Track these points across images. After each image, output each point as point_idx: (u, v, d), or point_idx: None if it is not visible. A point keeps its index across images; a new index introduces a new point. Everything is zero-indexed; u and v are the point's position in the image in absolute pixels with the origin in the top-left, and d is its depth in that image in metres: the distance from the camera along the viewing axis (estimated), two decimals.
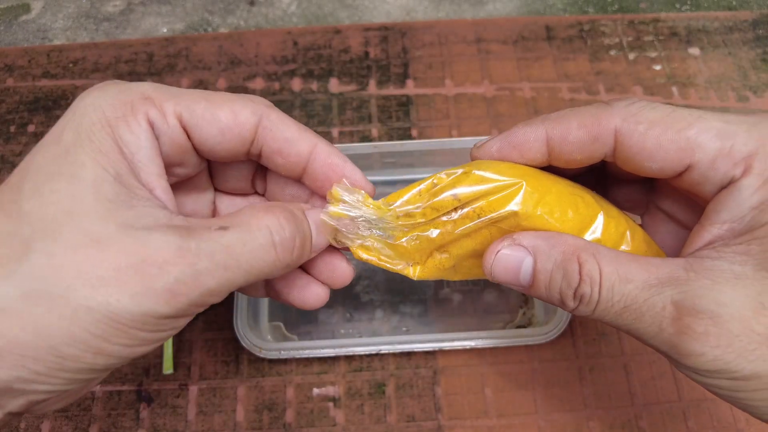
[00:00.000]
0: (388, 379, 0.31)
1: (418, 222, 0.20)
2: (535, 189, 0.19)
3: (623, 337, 0.32)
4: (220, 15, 0.45)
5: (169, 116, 0.18)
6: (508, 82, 0.39)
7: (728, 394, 0.17)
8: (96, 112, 0.17)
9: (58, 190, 0.16)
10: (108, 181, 0.16)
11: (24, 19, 0.45)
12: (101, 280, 0.15)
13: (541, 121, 0.20)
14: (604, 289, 0.17)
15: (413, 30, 0.41)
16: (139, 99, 0.17)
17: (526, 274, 0.18)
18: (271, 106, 0.19)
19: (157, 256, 0.15)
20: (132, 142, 0.17)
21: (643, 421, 0.30)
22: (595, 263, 0.17)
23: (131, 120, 0.17)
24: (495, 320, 0.33)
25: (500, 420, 0.30)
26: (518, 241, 0.19)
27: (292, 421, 0.30)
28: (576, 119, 0.19)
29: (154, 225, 0.16)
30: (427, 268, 0.21)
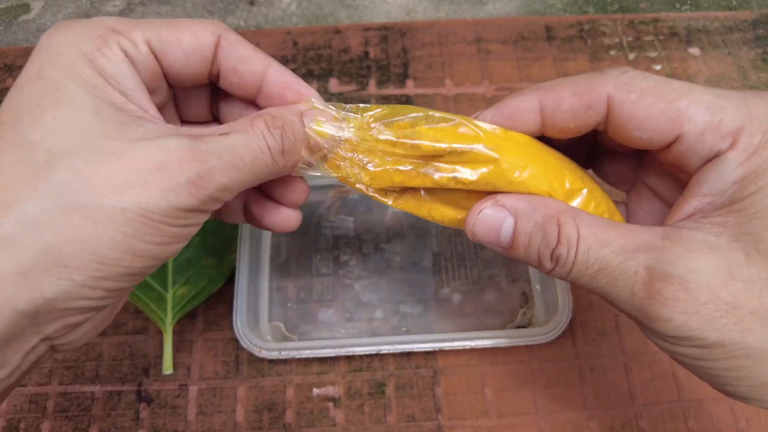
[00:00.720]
0: (388, 379, 0.31)
1: (398, 154, 0.20)
2: (514, 161, 0.19)
3: (623, 337, 0.32)
4: (219, 15, 0.45)
5: (139, 44, 0.18)
6: (508, 82, 0.39)
7: (693, 363, 0.17)
8: (72, 48, 0.17)
9: (63, 119, 0.16)
10: (108, 108, 0.17)
11: (24, 19, 0.45)
12: (128, 184, 0.16)
13: (533, 90, 0.20)
14: (580, 252, 0.17)
15: (413, 30, 0.41)
16: (109, 31, 0.18)
17: (506, 234, 0.19)
18: (228, 29, 0.20)
19: (175, 155, 0.17)
20: (116, 72, 0.18)
21: (643, 421, 0.30)
22: (574, 226, 0.18)
23: (107, 52, 0.18)
24: (495, 320, 0.33)
25: (500, 420, 0.30)
26: (501, 202, 0.19)
27: (292, 422, 0.30)
28: (569, 87, 0.19)
29: (165, 134, 0.17)
30: (404, 200, 0.21)
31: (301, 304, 0.33)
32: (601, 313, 0.33)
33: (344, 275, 0.34)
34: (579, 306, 0.33)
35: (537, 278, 0.33)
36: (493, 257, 0.34)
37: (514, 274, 0.34)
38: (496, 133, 0.20)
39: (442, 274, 0.34)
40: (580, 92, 0.19)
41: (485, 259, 0.34)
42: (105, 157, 0.16)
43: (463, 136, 0.19)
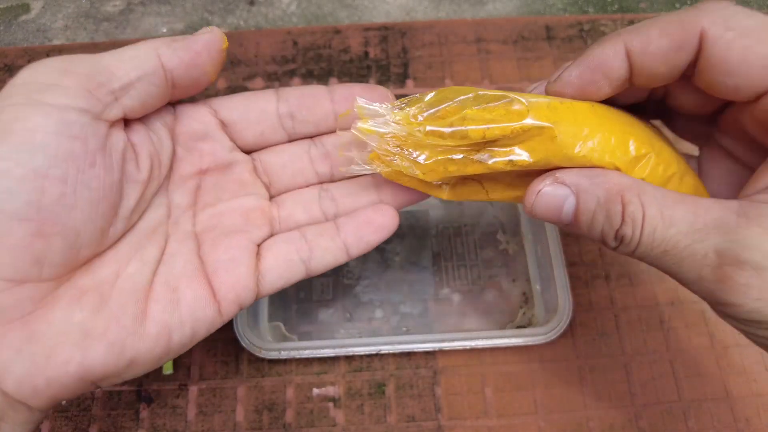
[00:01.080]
0: (388, 379, 0.31)
1: (448, 144, 0.19)
2: (573, 135, 0.18)
3: (623, 337, 0.32)
4: (219, 15, 0.45)
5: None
6: (508, 82, 0.39)
7: (766, 344, 0.16)
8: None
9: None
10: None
11: (24, 19, 0.45)
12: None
13: (617, 35, 0.18)
14: (645, 232, 0.16)
15: (413, 30, 0.41)
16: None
17: (568, 212, 0.18)
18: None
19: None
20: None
21: (643, 420, 0.30)
22: (639, 204, 0.16)
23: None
24: (495, 320, 0.33)
25: (500, 420, 0.30)
26: (561, 179, 0.18)
27: (292, 422, 0.30)
28: (657, 27, 0.17)
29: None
30: (459, 190, 0.20)
31: (301, 304, 0.33)
32: (601, 313, 0.33)
33: (344, 275, 0.34)
34: (579, 306, 0.33)
35: (537, 278, 0.33)
36: (493, 257, 0.34)
37: (514, 274, 0.34)
38: (553, 104, 0.18)
39: (442, 274, 0.34)
40: (670, 31, 0.17)
41: (485, 259, 0.34)
42: None
43: (516, 114, 0.18)
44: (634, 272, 0.34)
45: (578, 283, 0.33)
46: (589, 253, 0.34)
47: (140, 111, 0.20)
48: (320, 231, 0.22)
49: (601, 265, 0.34)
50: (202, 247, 0.21)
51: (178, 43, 0.20)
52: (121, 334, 0.18)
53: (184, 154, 0.22)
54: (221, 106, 0.23)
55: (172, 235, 0.21)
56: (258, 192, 0.23)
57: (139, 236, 0.20)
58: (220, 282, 0.20)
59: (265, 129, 0.23)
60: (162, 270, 0.20)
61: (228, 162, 0.23)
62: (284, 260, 0.21)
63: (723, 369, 0.31)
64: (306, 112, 0.23)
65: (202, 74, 0.21)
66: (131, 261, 0.19)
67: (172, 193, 0.22)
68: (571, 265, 0.33)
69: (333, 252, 0.22)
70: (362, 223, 0.22)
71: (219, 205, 0.22)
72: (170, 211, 0.22)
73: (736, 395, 0.30)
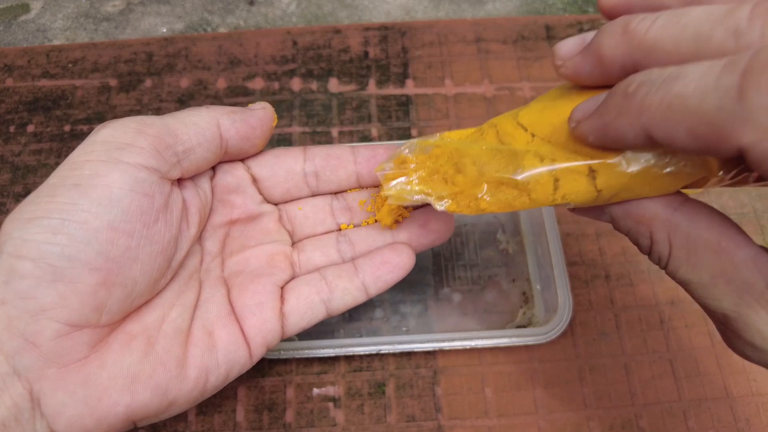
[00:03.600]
0: (388, 379, 0.31)
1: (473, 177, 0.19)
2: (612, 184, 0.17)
3: (623, 336, 0.32)
4: (219, 15, 0.45)
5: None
6: (508, 82, 0.39)
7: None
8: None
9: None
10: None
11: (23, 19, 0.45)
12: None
13: (628, 98, 0.14)
14: (669, 267, 0.17)
15: (413, 30, 0.41)
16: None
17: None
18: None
19: None
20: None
21: (643, 420, 0.30)
22: (666, 244, 0.16)
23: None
24: (495, 320, 0.33)
25: (500, 420, 0.30)
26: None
27: (292, 421, 0.30)
28: (684, 120, 0.12)
29: None
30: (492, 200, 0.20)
31: None
32: (601, 313, 0.33)
33: None
34: (579, 306, 0.33)
35: (537, 278, 0.33)
36: (493, 257, 0.34)
37: (514, 274, 0.34)
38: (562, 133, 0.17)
39: (442, 274, 0.34)
40: (699, 134, 0.12)
41: (485, 259, 0.34)
42: None
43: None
44: (634, 272, 0.34)
45: (578, 283, 0.33)
46: (589, 252, 0.34)
47: (194, 172, 0.21)
48: (339, 272, 0.23)
49: (601, 264, 0.34)
50: (231, 291, 0.22)
51: (237, 116, 0.22)
52: (166, 377, 0.19)
53: (217, 206, 0.24)
54: (254, 163, 0.24)
55: (205, 281, 0.22)
56: (282, 239, 0.24)
57: (180, 283, 0.21)
58: (249, 326, 0.21)
59: (291, 186, 0.24)
60: (198, 314, 0.21)
61: (256, 213, 0.24)
62: (306, 302, 0.23)
63: (723, 368, 0.31)
64: (330, 172, 0.24)
65: (252, 146, 0.23)
66: (174, 307, 0.21)
67: (205, 241, 0.23)
68: (571, 264, 0.33)
69: (352, 292, 0.23)
70: (379, 263, 0.23)
71: (245, 252, 0.24)
72: (203, 258, 0.23)
73: (736, 395, 0.30)
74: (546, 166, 0.17)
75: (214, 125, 0.21)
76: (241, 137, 0.22)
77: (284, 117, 0.38)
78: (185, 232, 0.21)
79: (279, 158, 0.24)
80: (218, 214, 0.24)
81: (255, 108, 0.23)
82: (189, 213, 0.21)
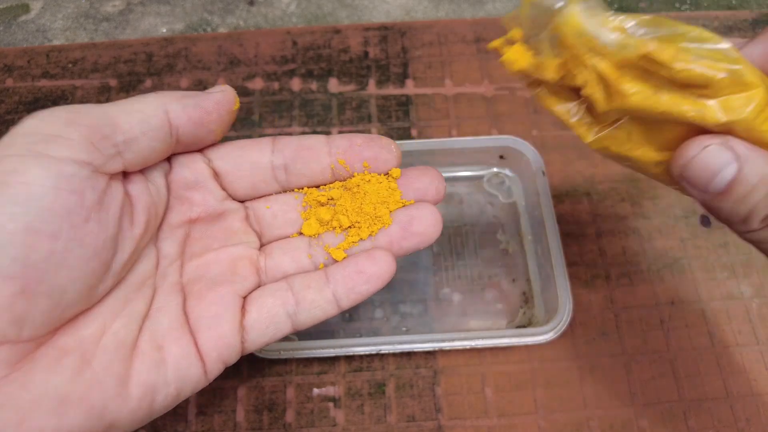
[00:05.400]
0: (388, 379, 0.31)
1: (656, 74, 0.17)
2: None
3: (624, 336, 0.32)
4: (219, 15, 0.45)
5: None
6: (508, 82, 0.39)
7: None
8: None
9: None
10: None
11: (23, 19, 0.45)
12: None
13: None
14: None
15: (413, 30, 0.41)
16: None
17: (722, 180, 0.17)
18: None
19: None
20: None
21: (644, 420, 0.30)
22: None
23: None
24: (495, 320, 0.33)
25: (500, 420, 0.30)
26: (731, 143, 0.16)
27: (292, 422, 0.30)
28: None
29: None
30: (607, 136, 0.19)
31: None
32: (601, 313, 0.33)
33: None
34: (579, 306, 0.33)
35: (537, 278, 0.33)
36: (493, 257, 0.34)
37: (514, 274, 0.34)
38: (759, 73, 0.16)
39: (442, 274, 0.34)
40: None
41: (485, 259, 0.34)
42: None
43: (730, 60, 0.16)
44: (634, 272, 0.34)
45: (578, 283, 0.33)
46: (589, 252, 0.34)
47: (141, 164, 0.19)
48: (307, 282, 0.21)
49: (602, 264, 0.34)
50: (188, 300, 0.20)
51: (189, 100, 0.20)
52: (103, 397, 0.17)
53: (174, 203, 0.21)
54: (215, 155, 0.22)
55: (160, 288, 0.20)
56: (248, 241, 0.22)
57: (126, 290, 0.19)
58: (204, 340, 0.19)
59: (257, 181, 0.22)
60: (147, 326, 0.19)
61: (219, 211, 0.22)
62: (269, 315, 0.21)
63: (723, 368, 0.31)
64: (301, 165, 0.22)
65: (208, 133, 0.21)
66: (117, 317, 0.18)
67: (161, 242, 0.21)
68: (571, 264, 0.33)
69: (321, 305, 0.21)
70: (353, 273, 0.21)
71: (207, 255, 0.21)
72: (159, 262, 0.21)
73: (737, 395, 0.30)
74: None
75: (161, 112, 0.19)
76: (195, 124, 0.20)
77: (284, 117, 0.38)
78: (127, 232, 0.19)
79: (243, 150, 0.22)
80: (176, 213, 0.21)
81: (212, 91, 0.21)
82: (134, 210, 0.19)
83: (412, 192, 0.23)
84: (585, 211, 0.35)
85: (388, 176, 0.23)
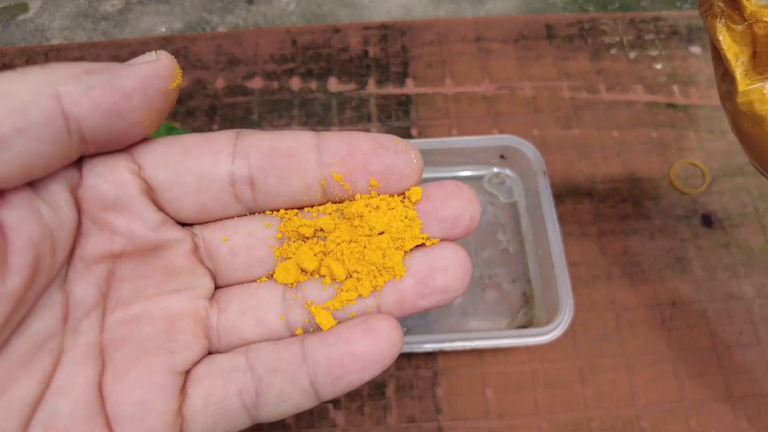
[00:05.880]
0: (388, 379, 0.31)
1: None
2: None
3: (624, 337, 0.32)
4: (218, 14, 0.44)
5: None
6: (508, 81, 0.39)
7: None
8: None
9: None
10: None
11: (22, 18, 0.44)
12: None
13: None
14: None
15: (413, 29, 0.41)
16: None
17: None
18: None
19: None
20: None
21: (645, 421, 0.30)
22: None
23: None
24: (495, 321, 0.32)
25: (501, 421, 0.30)
26: None
27: (291, 423, 0.30)
28: None
29: None
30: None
31: None
32: (602, 313, 0.32)
33: None
34: (580, 306, 0.32)
35: (538, 278, 0.33)
36: (493, 257, 0.34)
37: (514, 274, 0.34)
38: None
39: None
40: None
41: (486, 259, 0.34)
42: None
43: None
44: (636, 272, 0.33)
45: (579, 283, 0.33)
46: (590, 252, 0.34)
47: (22, 178, 0.13)
48: (276, 363, 0.15)
49: (603, 264, 0.34)
50: (106, 373, 0.14)
51: (95, 78, 0.13)
52: None
53: (90, 229, 0.15)
54: (148, 160, 0.15)
55: (68, 352, 0.14)
56: (195, 284, 0.16)
57: (9, 363, 0.13)
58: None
59: (208, 200, 0.15)
60: (40, 416, 0.13)
61: (153, 243, 0.15)
62: (218, 406, 0.15)
63: (724, 369, 0.31)
64: (275, 179, 0.15)
65: (131, 125, 0.14)
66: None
67: (71, 284, 0.15)
68: (571, 264, 0.33)
69: (292, 398, 0.15)
70: (343, 355, 0.15)
71: (136, 304, 0.15)
72: (68, 313, 0.14)
73: (738, 395, 0.30)
74: None
75: (46, 97, 0.12)
76: (107, 113, 0.13)
77: (284, 117, 0.38)
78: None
79: (189, 153, 0.15)
80: (92, 243, 0.15)
81: (135, 62, 0.14)
82: (8, 250, 0.12)
83: (436, 223, 0.16)
84: (586, 211, 0.35)
85: (405, 199, 0.16)
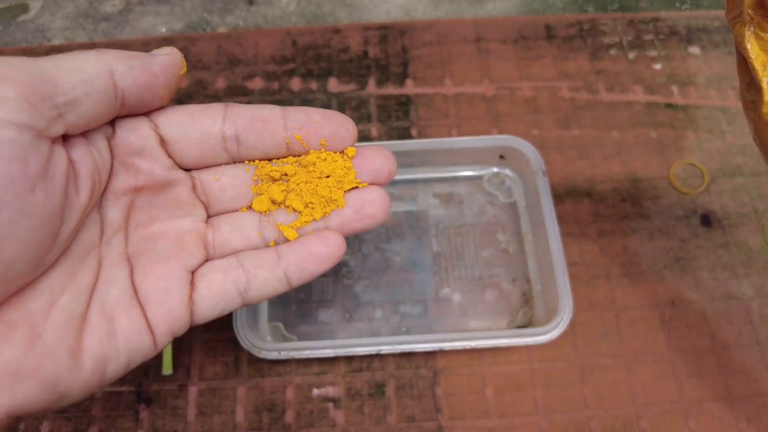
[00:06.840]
0: (388, 379, 0.31)
1: None
2: None
3: (624, 336, 0.32)
4: (218, 14, 0.44)
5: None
6: (508, 82, 0.39)
7: None
8: None
9: None
10: None
11: (22, 19, 0.44)
12: None
13: None
14: None
15: (413, 29, 0.41)
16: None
17: None
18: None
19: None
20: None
21: (644, 421, 0.30)
22: None
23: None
24: (495, 320, 0.32)
25: (501, 420, 0.30)
26: None
27: (292, 422, 0.30)
28: None
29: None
30: None
31: (301, 304, 0.33)
32: (602, 313, 0.32)
33: (344, 275, 0.34)
34: (579, 306, 0.32)
35: (537, 278, 0.33)
36: (493, 257, 0.34)
37: (514, 274, 0.34)
38: None
39: (442, 274, 0.34)
40: None
41: (485, 259, 0.34)
42: None
43: None
44: (635, 272, 0.33)
45: (579, 283, 0.33)
46: (589, 252, 0.34)
47: (83, 128, 0.18)
48: (260, 261, 0.21)
49: (602, 264, 0.34)
50: (135, 272, 0.20)
51: (136, 61, 0.19)
52: (55, 370, 0.17)
53: (119, 169, 0.20)
54: (163, 121, 0.21)
55: (106, 258, 0.20)
56: (195, 213, 0.22)
57: (72, 260, 0.18)
58: (154, 313, 0.19)
59: (206, 151, 0.21)
60: (97, 298, 0.19)
61: (165, 181, 0.21)
62: (219, 291, 0.21)
63: (724, 369, 0.31)
64: (254, 137, 0.21)
65: (155, 97, 0.20)
66: (66, 290, 0.18)
67: (105, 210, 0.20)
68: (571, 264, 0.33)
69: (272, 284, 0.21)
70: (305, 254, 0.21)
71: (152, 226, 0.21)
72: (103, 230, 0.20)
73: (737, 395, 0.30)
74: None
75: (105, 72, 0.18)
76: (141, 87, 0.19)
77: None
78: (73, 200, 0.18)
79: (193, 117, 0.21)
80: (120, 180, 0.20)
81: (158, 53, 0.20)
82: (79, 177, 0.18)
83: (366, 172, 0.22)
84: (585, 211, 0.35)
85: (344, 155, 0.22)
